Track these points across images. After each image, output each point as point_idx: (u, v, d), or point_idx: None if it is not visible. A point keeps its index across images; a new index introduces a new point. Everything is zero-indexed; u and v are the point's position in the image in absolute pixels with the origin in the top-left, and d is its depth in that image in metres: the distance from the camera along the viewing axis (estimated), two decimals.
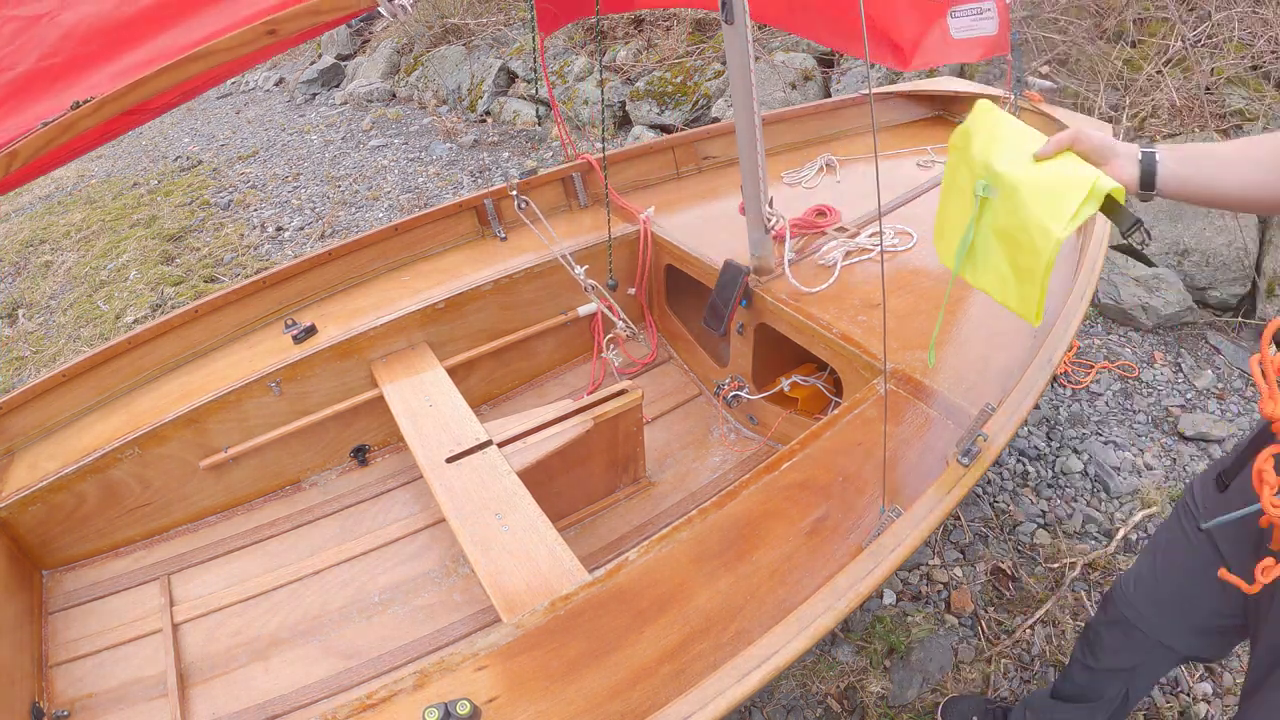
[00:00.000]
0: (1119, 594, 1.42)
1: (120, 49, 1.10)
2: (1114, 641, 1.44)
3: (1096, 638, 1.49)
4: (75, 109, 1.01)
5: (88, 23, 1.11)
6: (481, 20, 7.04)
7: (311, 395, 2.19)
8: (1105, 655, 1.46)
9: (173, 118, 8.42)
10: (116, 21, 1.11)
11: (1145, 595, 1.34)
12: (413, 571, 2.01)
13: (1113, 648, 1.45)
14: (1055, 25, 4.17)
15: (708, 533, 1.36)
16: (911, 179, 2.62)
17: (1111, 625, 1.44)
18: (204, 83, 1.18)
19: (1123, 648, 1.42)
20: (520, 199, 2.56)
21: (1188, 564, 1.24)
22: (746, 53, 1.71)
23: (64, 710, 1.72)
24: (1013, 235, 1.17)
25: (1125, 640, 1.41)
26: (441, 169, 5.62)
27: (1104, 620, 1.47)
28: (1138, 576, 1.37)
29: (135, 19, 1.11)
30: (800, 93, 4.74)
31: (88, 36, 1.11)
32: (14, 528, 1.90)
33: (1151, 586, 1.33)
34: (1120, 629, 1.41)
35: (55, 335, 4.32)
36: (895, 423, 1.57)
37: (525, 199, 2.56)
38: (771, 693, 2.01)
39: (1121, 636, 1.42)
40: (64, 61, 1.10)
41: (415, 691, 1.15)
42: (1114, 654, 1.45)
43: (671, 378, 2.59)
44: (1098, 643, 1.48)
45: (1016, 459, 2.63)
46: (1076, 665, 1.56)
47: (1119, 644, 1.43)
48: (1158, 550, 1.34)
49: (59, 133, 1.01)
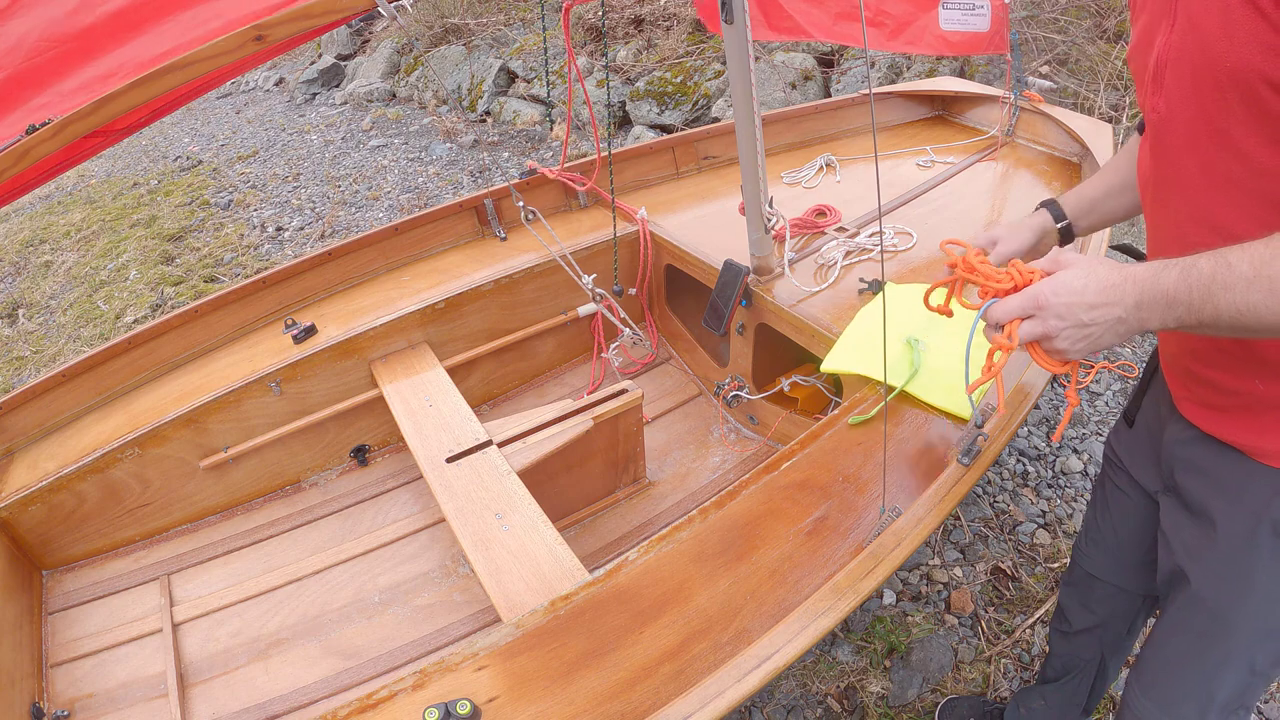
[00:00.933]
0: (1076, 553, 1.52)
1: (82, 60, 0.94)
2: (1080, 598, 1.53)
3: (1067, 601, 1.57)
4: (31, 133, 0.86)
5: (40, 31, 0.93)
6: (481, 20, 7.04)
7: (311, 395, 2.19)
8: (1075, 616, 1.55)
9: (172, 118, 8.42)
10: (77, 29, 0.94)
11: (1094, 544, 1.46)
12: (413, 571, 2.01)
13: (1080, 605, 1.53)
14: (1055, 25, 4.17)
15: (708, 533, 1.36)
16: (911, 179, 2.62)
17: (1074, 585, 1.54)
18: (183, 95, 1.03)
19: (1088, 602, 1.51)
20: (527, 210, 2.56)
21: (1120, 504, 1.36)
22: (746, 53, 1.71)
23: (64, 710, 1.72)
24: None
25: (1089, 594, 1.50)
26: (441, 169, 5.62)
27: (1068, 583, 1.56)
28: (1085, 530, 1.49)
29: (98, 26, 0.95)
30: (800, 93, 4.74)
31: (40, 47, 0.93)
32: (14, 528, 1.90)
33: (1096, 534, 1.45)
34: (1083, 586, 1.51)
35: (55, 335, 4.32)
36: (895, 423, 1.57)
37: (533, 210, 2.57)
38: (771, 693, 2.01)
39: (1085, 592, 1.51)
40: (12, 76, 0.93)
41: (415, 691, 1.15)
42: (1082, 612, 1.53)
43: (671, 378, 2.59)
44: (1068, 605, 1.57)
45: (1016, 459, 2.63)
46: (1055, 636, 1.64)
47: (1084, 599, 1.52)
48: (1096, 502, 1.45)
49: (11, 161, 0.86)
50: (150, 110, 1.01)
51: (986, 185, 2.55)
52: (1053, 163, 2.63)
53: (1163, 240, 1.04)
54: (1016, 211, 2.37)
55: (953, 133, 2.96)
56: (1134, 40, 1.04)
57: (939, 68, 4.40)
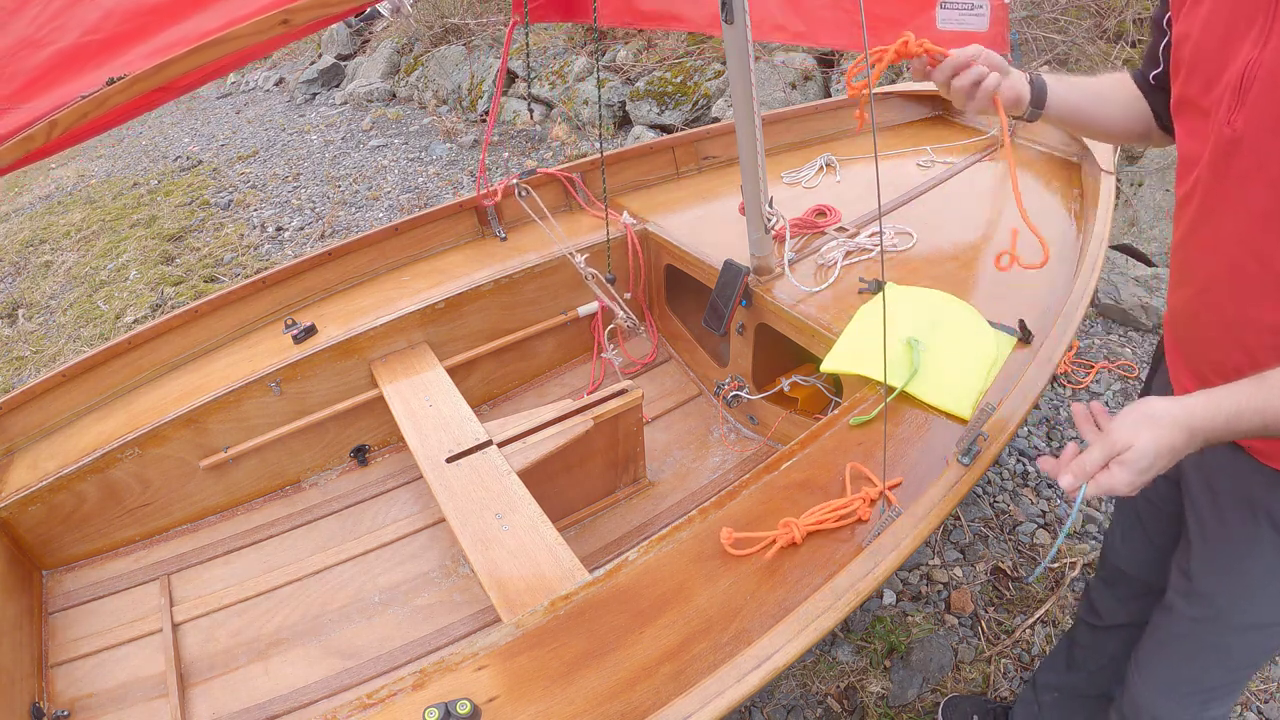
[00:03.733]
0: (1108, 551, 1.53)
1: (152, 30, 1.19)
2: (1112, 593, 1.53)
3: (1098, 594, 1.58)
4: (110, 84, 1.07)
5: (125, 5, 1.21)
6: (481, 20, 7.04)
7: (311, 395, 2.19)
8: (1106, 610, 1.56)
9: (173, 118, 8.43)
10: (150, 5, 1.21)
11: (1125, 542, 1.46)
12: (413, 571, 2.01)
13: (1113, 600, 1.54)
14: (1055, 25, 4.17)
15: (708, 533, 1.36)
16: (911, 179, 2.62)
17: (1106, 580, 1.55)
18: (226, 65, 1.27)
19: (1121, 598, 1.52)
20: (522, 188, 2.56)
21: (1147, 500, 1.36)
22: (746, 53, 1.71)
23: (64, 710, 1.72)
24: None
25: (1120, 589, 1.51)
26: (441, 169, 5.62)
27: (1100, 576, 1.57)
28: (1115, 525, 1.50)
29: (166, 4, 1.21)
30: (800, 93, 4.74)
31: (125, 17, 1.20)
32: (14, 528, 1.90)
33: (1127, 531, 1.45)
34: (1114, 583, 1.52)
35: (55, 335, 4.32)
36: (895, 423, 1.57)
37: (526, 188, 2.56)
38: (771, 693, 2.01)
39: (1116, 587, 1.52)
40: (102, 39, 1.18)
41: (415, 691, 1.15)
42: (1112, 609, 1.54)
43: (671, 378, 2.59)
44: (1099, 599, 1.57)
45: (1016, 459, 2.63)
46: (1082, 626, 1.64)
47: (1117, 594, 1.52)
48: (1124, 502, 1.45)
49: (94, 106, 1.08)
50: (201, 74, 1.24)
51: (986, 185, 2.55)
52: (1053, 163, 2.63)
53: (1210, 265, 1.00)
54: (1016, 211, 2.37)
55: (953, 133, 2.96)
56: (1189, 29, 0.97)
57: None
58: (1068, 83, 1.26)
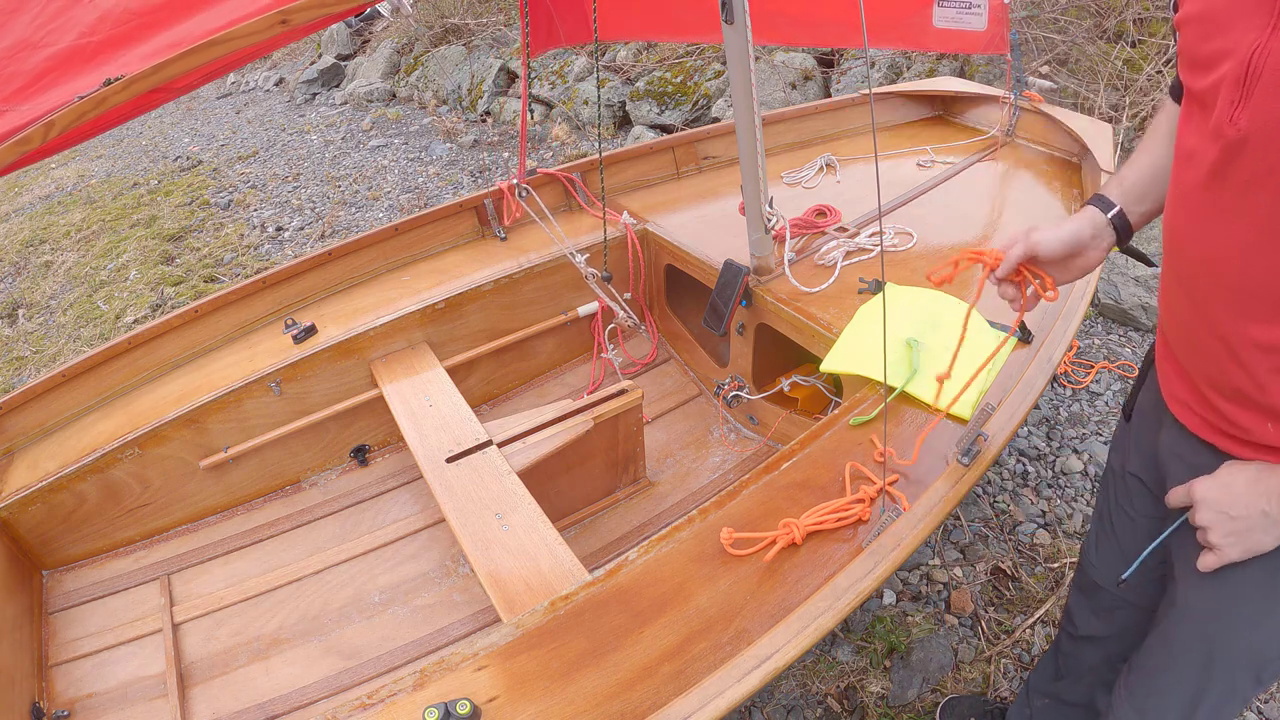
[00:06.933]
0: (1084, 560, 1.48)
1: (149, 32, 1.18)
2: (1088, 605, 1.50)
3: (1076, 605, 1.55)
4: (108, 85, 1.06)
5: (122, 6, 1.20)
6: (481, 20, 7.04)
7: (311, 395, 2.19)
8: (1082, 621, 1.52)
9: (173, 118, 8.43)
10: (147, 6, 1.21)
11: (1098, 552, 1.41)
12: (413, 571, 2.01)
13: (1088, 612, 1.50)
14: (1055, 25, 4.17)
15: (708, 533, 1.36)
16: (911, 179, 2.62)
17: (1082, 591, 1.51)
18: (224, 66, 1.26)
19: (1095, 610, 1.48)
20: (522, 188, 2.56)
21: (1124, 519, 1.31)
22: (746, 53, 1.71)
23: (64, 710, 1.72)
24: None
25: (1096, 602, 1.47)
26: (441, 169, 5.62)
27: (1077, 586, 1.53)
28: (1091, 538, 1.45)
29: (163, 5, 1.21)
30: (800, 93, 4.74)
31: (123, 18, 1.19)
32: (14, 528, 1.90)
33: (1100, 541, 1.40)
34: (1089, 593, 1.48)
35: (55, 335, 4.32)
36: (895, 423, 1.57)
37: (527, 188, 2.56)
38: (771, 693, 2.01)
39: (1092, 599, 1.48)
40: (100, 40, 1.18)
41: (415, 691, 1.15)
42: (1089, 619, 1.50)
43: (671, 378, 2.59)
44: (1076, 610, 1.54)
45: (1016, 459, 2.63)
46: (1063, 635, 1.62)
47: (1092, 606, 1.49)
48: (1101, 512, 1.41)
49: (91, 106, 1.07)
50: (199, 75, 1.23)
51: (987, 185, 2.55)
52: (1053, 163, 2.63)
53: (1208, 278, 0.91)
54: (1016, 211, 2.37)
55: (953, 133, 2.96)
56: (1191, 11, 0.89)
57: (939, 68, 4.39)
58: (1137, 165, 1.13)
